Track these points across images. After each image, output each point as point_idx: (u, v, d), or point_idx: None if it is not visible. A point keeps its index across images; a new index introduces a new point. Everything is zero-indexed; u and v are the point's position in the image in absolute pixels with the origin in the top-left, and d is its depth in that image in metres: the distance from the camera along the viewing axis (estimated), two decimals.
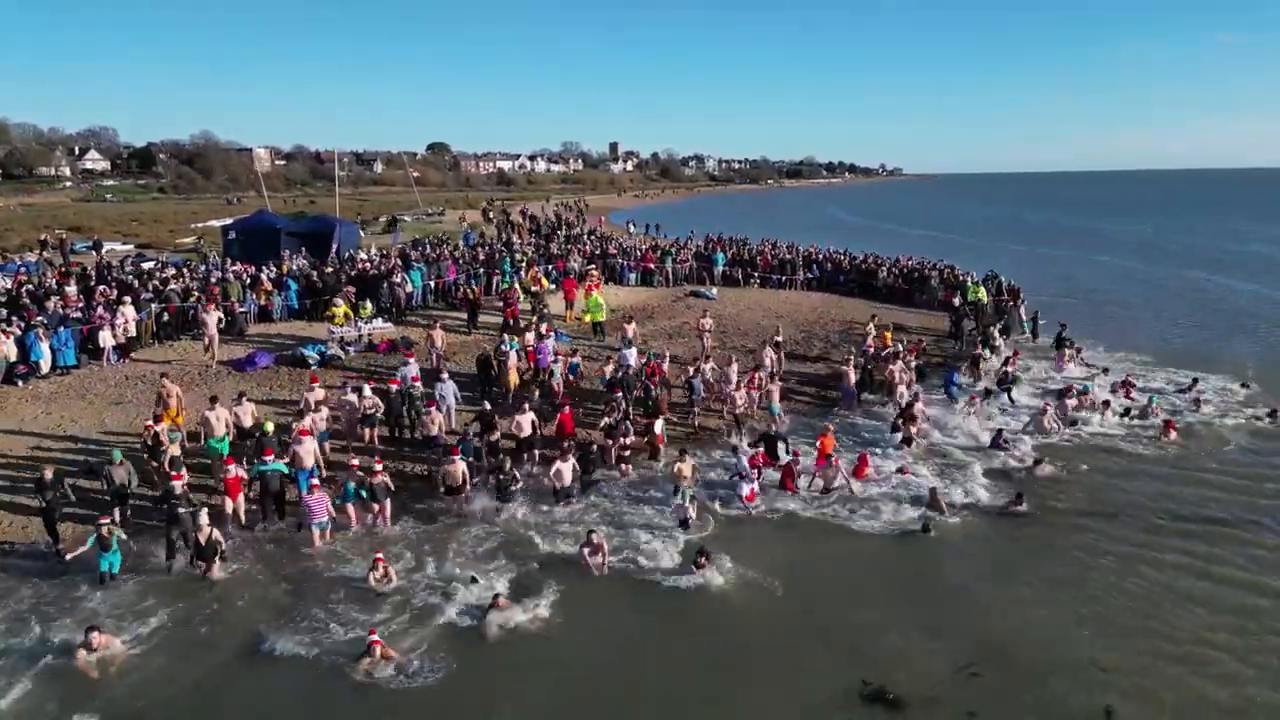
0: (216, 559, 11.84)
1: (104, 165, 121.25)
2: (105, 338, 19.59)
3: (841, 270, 32.50)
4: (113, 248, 41.44)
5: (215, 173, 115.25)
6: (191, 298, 22.60)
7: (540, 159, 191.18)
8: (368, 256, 31.40)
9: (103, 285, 24.21)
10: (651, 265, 31.91)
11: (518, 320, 23.10)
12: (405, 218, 61.97)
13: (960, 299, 26.72)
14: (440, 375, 17.55)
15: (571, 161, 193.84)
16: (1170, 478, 15.26)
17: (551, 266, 29.17)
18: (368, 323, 22.61)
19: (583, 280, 26.94)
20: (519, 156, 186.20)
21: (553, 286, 26.85)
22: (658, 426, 16.21)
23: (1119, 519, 13.58)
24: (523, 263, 29.25)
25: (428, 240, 38.83)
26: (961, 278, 29.35)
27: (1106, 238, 64.31)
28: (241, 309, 22.80)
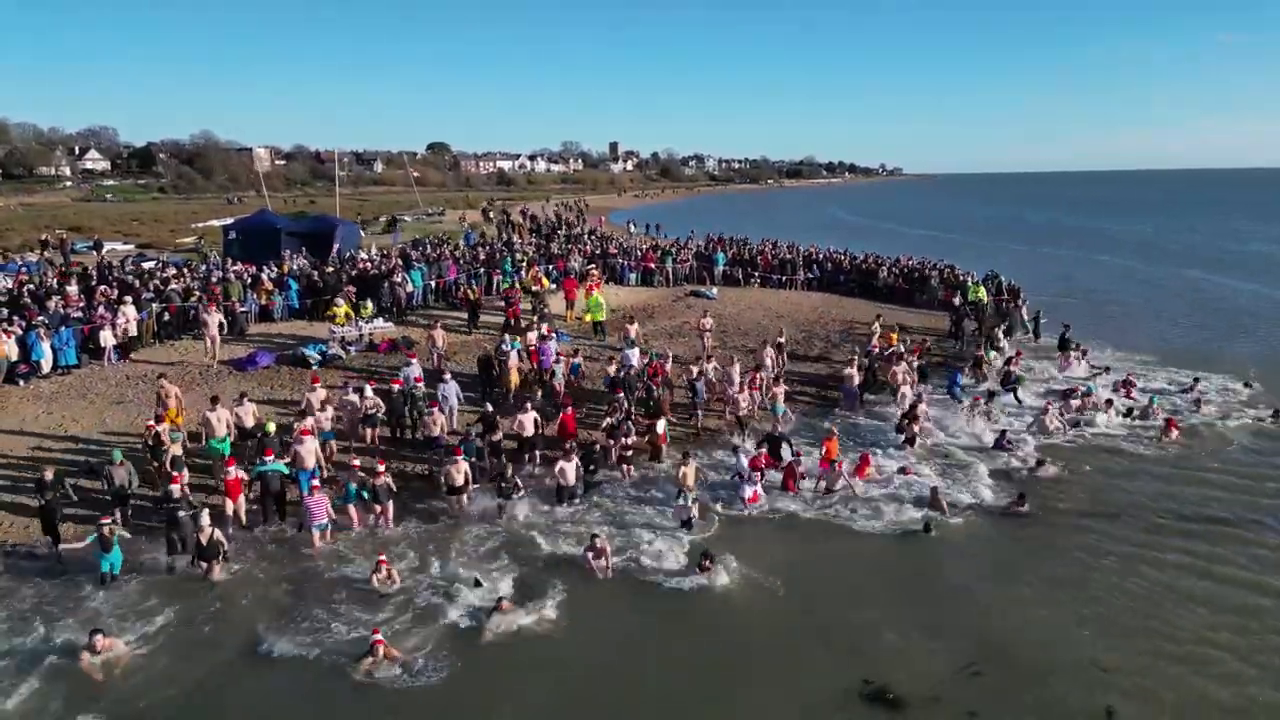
0: (218, 559, 11.84)
1: (104, 165, 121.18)
2: (106, 337, 19.59)
3: (842, 270, 32.50)
4: (113, 247, 41.48)
5: (215, 173, 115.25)
6: (192, 297, 22.60)
7: (540, 159, 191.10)
8: (368, 256, 31.43)
9: (104, 285, 24.22)
10: (652, 265, 31.92)
11: (519, 320, 23.12)
12: (405, 218, 61.99)
13: (960, 299, 26.73)
14: (443, 376, 17.53)
15: (571, 161, 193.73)
16: (1172, 478, 15.27)
17: (552, 266, 29.19)
18: (368, 322, 22.61)
19: (583, 280, 26.96)
20: (519, 156, 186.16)
21: (553, 286, 26.87)
22: (660, 426, 16.18)
23: (1120, 519, 13.58)
24: (523, 263, 29.28)
25: (428, 240, 38.85)
26: (962, 277, 29.34)
27: (1107, 237, 64.29)
28: (242, 309, 22.81)
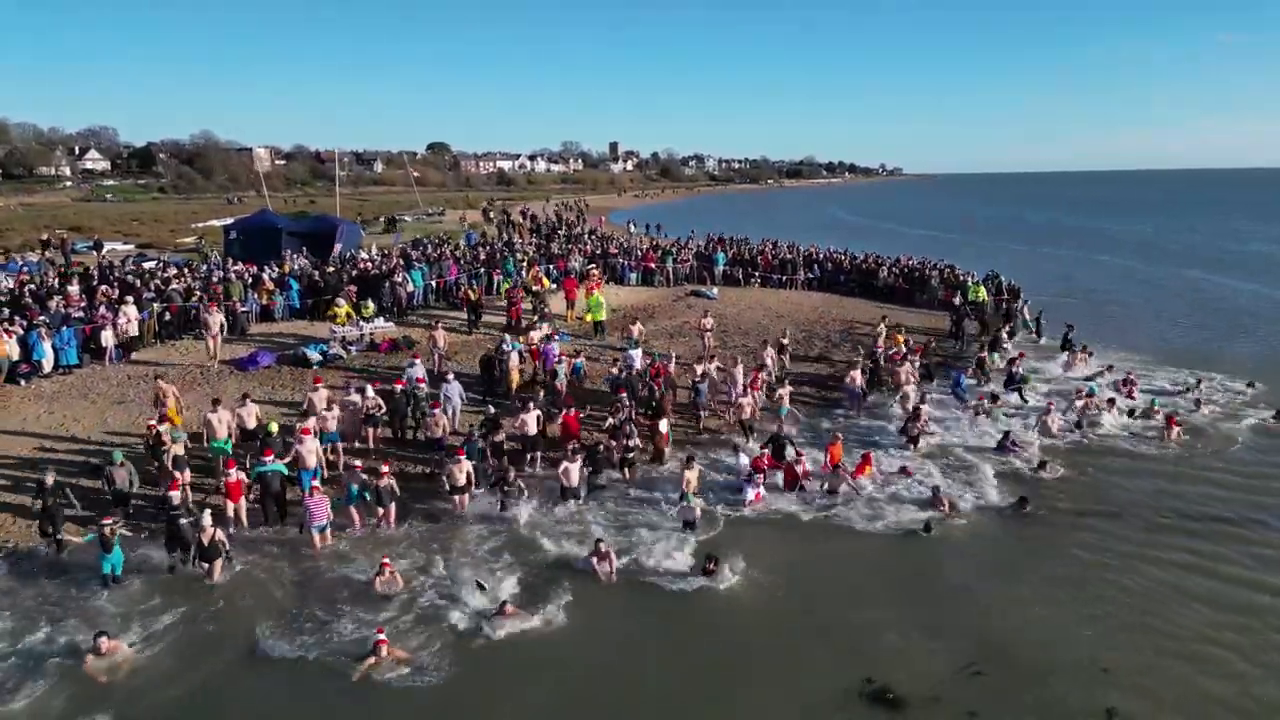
0: (220, 560, 11.84)
1: (104, 165, 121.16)
2: (107, 337, 19.62)
3: (842, 270, 32.52)
4: (114, 247, 41.53)
5: (215, 172, 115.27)
6: (193, 297, 22.63)
7: (540, 159, 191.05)
8: (369, 256, 31.46)
9: (105, 285, 24.25)
10: (652, 265, 31.95)
11: (520, 320, 23.13)
12: (405, 218, 62.05)
13: (961, 299, 26.74)
14: (445, 376, 17.51)
15: (571, 161, 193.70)
16: (1174, 477, 15.28)
17: (552, 266, 29.20)
18: (369, 322, 22.63)
19: (584, 280, 26.97)
20: (519, 156, 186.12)
21: (554, 286, 26.88)
22: (663, 426, 16.12)
23: (1121, 518, 13.58)
24: (524, 262, 29.30)
25: (429, 240, 38.87)
26: (962, 277, 29.38)
27: (1107, 237, 64.28)
28: (243, 308, 22.83)
